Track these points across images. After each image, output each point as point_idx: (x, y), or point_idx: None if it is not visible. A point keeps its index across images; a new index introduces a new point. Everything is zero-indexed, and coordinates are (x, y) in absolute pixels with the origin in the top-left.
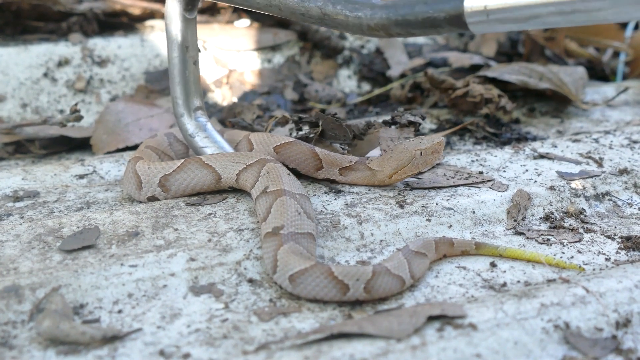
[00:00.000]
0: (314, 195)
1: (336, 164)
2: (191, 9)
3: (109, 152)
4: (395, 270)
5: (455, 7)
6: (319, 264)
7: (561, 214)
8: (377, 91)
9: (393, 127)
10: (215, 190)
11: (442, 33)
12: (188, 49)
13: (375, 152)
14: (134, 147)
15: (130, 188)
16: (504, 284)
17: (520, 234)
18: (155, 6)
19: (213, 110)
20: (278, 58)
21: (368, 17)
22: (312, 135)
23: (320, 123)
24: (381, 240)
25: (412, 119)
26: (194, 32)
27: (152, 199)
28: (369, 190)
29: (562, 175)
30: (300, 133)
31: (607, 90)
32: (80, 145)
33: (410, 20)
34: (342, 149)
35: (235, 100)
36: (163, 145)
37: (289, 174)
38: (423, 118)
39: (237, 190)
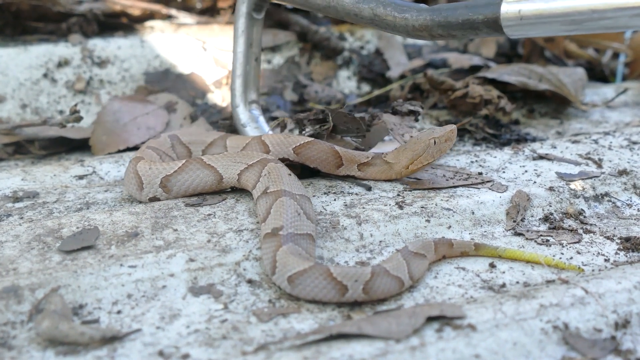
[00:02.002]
0: (314, 196)
1: (355, 160)
2: (259, 9)
3: (109, 153)
4: (394, 271)
5: (493, 12)
6: (317, 265)
7: (560, 214)
8: (376, 92)
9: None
10: (217, 191)
11: (480, 36)
12: (252, 46)
13: (388, 147)
14: (135, 148)
15: (131, 189)
16: (503, 285)
17: (520, 234)
18: (155, 7)
19: (212, 111)
20: (278, 59)
21: (414, 19)
22: (323, 132)
23: (331, 118)
24: (380, 241)
25: (412, 108)
26: (259, 31)
27: (154, 199)
28: (368, 190)
29: (561, 176)
30: (309, 131)
31: (607, 91)
32: (80, 146)
33: (452, 22)
34: (355, 142)
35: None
36: (165, 146)
37: (290, 174)
38: (422, 107)
39: (236, 191)
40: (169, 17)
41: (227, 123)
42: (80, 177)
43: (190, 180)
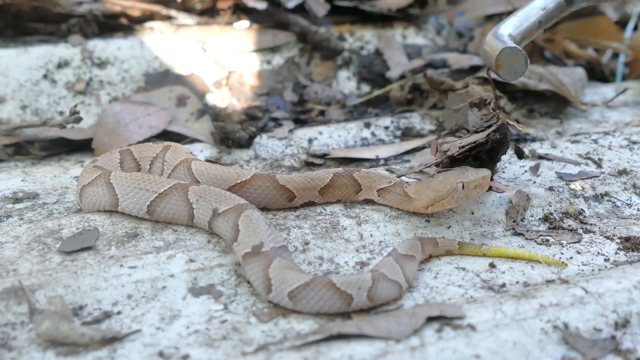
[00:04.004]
0: None
1: (374, 185)
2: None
3: None
4: (392, 275)
5: None
6: (318, 277)
7: (560, 214)
8: (376, 92)
9: None
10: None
11: None
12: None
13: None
14: None
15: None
16: (503, 285)
17: (519, 234)
18: (155, 8)
19: (212, 112)
20: (277, 59)
21: None
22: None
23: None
24: (380, 241)
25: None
26: None
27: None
28: None
29: (561, 176)
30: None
31: (607, 91)
32: (80, 147)
33: None
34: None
35: (235, 102)
36: (113, 163)
37: (224, 190)
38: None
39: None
40: (168, 18)
41: (220, 125)
42: None
43: (93, 197)
